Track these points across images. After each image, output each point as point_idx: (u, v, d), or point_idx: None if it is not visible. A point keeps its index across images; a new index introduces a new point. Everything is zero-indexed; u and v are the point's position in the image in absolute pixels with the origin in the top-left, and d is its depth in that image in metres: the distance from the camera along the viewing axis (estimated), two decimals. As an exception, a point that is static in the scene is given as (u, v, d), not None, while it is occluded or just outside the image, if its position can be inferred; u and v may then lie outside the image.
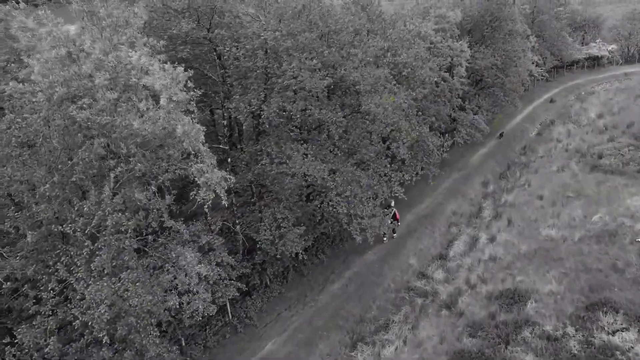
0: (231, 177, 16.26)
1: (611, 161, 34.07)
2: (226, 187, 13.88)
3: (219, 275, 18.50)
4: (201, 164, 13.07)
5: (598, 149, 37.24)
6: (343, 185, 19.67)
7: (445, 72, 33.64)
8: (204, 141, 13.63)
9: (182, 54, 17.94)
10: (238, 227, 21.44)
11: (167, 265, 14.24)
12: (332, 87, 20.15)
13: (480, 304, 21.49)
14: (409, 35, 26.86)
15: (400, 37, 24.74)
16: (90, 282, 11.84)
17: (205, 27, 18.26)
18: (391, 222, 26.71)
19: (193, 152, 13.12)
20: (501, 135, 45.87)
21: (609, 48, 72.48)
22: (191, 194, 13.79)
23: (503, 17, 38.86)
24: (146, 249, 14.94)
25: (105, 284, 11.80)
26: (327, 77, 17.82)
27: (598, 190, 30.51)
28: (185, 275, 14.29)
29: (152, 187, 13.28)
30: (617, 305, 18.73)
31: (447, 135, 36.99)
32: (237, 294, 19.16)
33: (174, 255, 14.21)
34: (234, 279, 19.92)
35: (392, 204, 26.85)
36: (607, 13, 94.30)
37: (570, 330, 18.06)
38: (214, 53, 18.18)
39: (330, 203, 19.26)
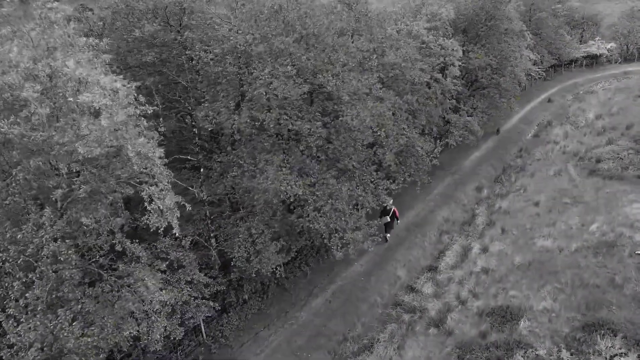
0: (202, 191, 15.03)
1: (610, 165, 32.79)
2: (179, 215, 12.61)
3: (189, 295, 17.32)
4: (153, 187, 11.76)
5: (596, 152, 35.95)
6: (322, 198, 18.43)
7: (438, 72, 32.37)
8: (162, 157, 12.33)
9: (148, 58, 16.63)
10: (213, 240, 20.19)
11: (123, 290, 12.97)
12: (313, 92, 18.91)
13: (470, 321, 20.27)
14: (398, 34, 25.56)
15: (387, 36, 23.41)
16: (22, 319, 10.59)
17: (174, 28, 16.97)
18: (389, 222, 26.08)
19: (146, 172, 11.82)
20: (497, 131, 44.99)
21: (608, 46, 71.19)
22: (143, 218, 12.49)
23: (499, 16, 37.52)
24: (102, 271, 13.67)
25: (38, 322, 10.55)
26: (304, 84, 16.54)
27: (596, 196, 29.26)
28: (149, 301, 13.01)
29: (102, 209, 12.00)
30: (615, 327, 17.50)
31: (439, 140, 35.72)
32: (209, 314, 17.94)
33: (132, 280, 12.95)
34: (208, 297, 18.73)
35: (390, 202, 25.77)
36: (605, 10, 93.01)
37: (565, 355, 16.84)
38: (184, 57, 16.87)
39: (307, 218, 18.01)
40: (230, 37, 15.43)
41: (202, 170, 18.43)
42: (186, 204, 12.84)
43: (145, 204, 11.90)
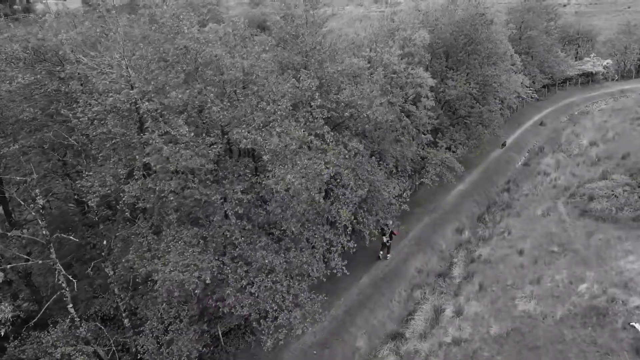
0: (107, 266, 11.94)
1: (603, 205, 29.51)
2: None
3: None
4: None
5: (589, 188, 32.70)
6: (249, 275, 15.30)
7: (412, 104, 29.37)
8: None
9: (25, 114, 13.59)
10: (126, 320, 17.02)
11: None
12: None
13: (433, 414, 17.04)
14: (356, 68, 22.57)
15: (340, 71, 20.41)
16: None
17: (57, 75, 13.98)
18: (387, 241, 26.31)
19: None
20: (503, 145, 44.21)
21: (604, 63, 68.23)
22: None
23: (480, 39, 34.55)
24: None
25: None
26: (218, 143, 13.49)
27: (587, 243, 26.01)
28: None
29: None
30: None
31: (417, 174, 32.64)
32: None
33: None
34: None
35: (391, 223, 25.74)
36: (603, 24, 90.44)
37: None
38: (69, 112, 13.82)
39: (227, 303, 14.85)
40: (110, 92, 12.42)
41: (104, 242, 15.31)
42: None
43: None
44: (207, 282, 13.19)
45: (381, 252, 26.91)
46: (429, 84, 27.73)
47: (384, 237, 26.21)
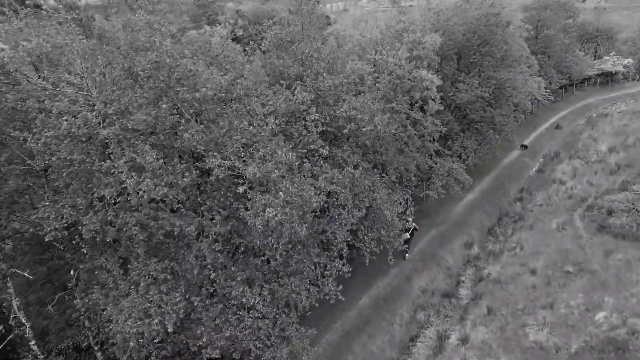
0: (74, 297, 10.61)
1: (623, 220, 27.57)
2: None
3: None
4: None
5: (608, 200, 30.71)
6: (229, 311, 13.89)
7: (418, 110, 27.61)
8: None
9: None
10: (100, 354, 15.73)
11: None
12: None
13: None
14: (357, 76, 20.98)
15: (336, 83, 18.82)
16: None
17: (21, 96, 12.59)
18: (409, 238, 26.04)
19: None
20: (524, 147, 43.04)
21: (625, 62, 65.49)
22: None
23: (495, 41, 32.63)
24: None
25: None
26: (190, 171, 12.05)
27: (605, 264, 24.18)
28: None
29: None
30: None
31: (425, 182, 30.91)
32: None
33: None
34: None
35: (411, 219, 25.90)
36: (622, 20, 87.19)
37: None
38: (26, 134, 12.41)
39: (199, 345, 13.44)
40: (65, 115, 11.01)
41: (72, 272, 13.99)
42: None
43: None
44: (170, 330, 11.78)
45: (407, 254, 26.81)
46: (436, 83, 25.98)
47: (407, 234, 25.49)
